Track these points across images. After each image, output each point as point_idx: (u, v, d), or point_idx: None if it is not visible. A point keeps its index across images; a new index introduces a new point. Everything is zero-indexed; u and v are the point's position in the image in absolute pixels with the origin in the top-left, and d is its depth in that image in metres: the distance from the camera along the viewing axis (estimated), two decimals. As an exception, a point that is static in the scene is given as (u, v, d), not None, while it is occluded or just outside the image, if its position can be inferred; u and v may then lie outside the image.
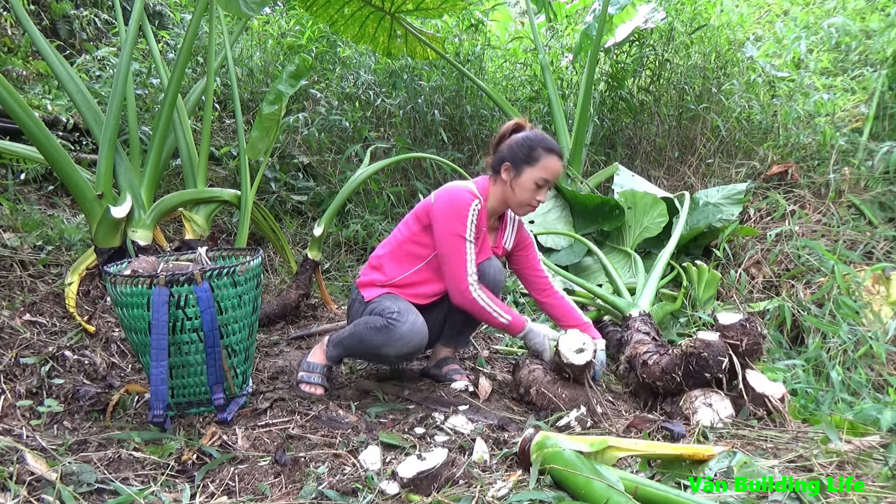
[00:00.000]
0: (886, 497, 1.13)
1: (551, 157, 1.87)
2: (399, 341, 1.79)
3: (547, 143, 1.89)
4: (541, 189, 1.89)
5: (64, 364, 1.93)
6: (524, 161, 1.87)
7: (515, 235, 2.09)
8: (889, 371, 2.01)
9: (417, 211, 1.94)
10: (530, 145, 1.88)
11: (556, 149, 1.90)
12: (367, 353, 1.91)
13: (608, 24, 4.04)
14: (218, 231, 3.61)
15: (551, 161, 1.87)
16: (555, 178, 1.90)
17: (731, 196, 3.23)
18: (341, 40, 4.32)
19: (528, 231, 2.12)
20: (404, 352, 1.82)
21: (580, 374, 1.79)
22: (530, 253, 2.10)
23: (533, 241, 2.13)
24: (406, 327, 1.79)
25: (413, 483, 1.28)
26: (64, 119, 3.48)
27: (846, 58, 3.84)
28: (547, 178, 1.87)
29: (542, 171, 1.86)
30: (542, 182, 1.87)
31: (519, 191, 1.89)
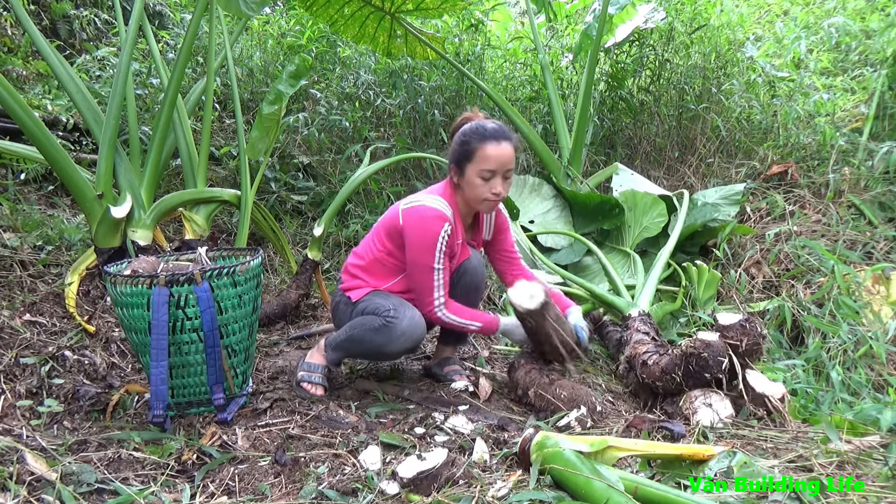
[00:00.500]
0: (886, 497, 1.13)
1: (487, 144, 1.76)
2: (401, 338, 1.79)
3: (481, 131, 1.79)
4: (489, 181, 1.79)
5: (64, 364, 1.93)
6: (463, 158, 1.81)
7: (494, 224, 2.05)
8: (889, 371, 2.01)
9: (388, 228, 1.89)
10: (464, 140, 1.81)
11: (493, 134, 1.78)
12: (369, 353, 1.92)
13: (608, 24, 4.04)
14: (218, 231, 3.61)
15: (488, 148, 1.76)
16: (499, 164, 1.77)
17: (728, 196, 3.23)
18: (341, 40, 4.31)
19: (504, 214, 2.07)
20: (406, 347, 1.82)
21: (542, 320, 1.75)
22: (506, 236, 2.07)
23: (509, 223, 2.08)
24: (405, 323, 1.79)
25: (413, 483, 1.28)
26: (64, 119, 3.48)
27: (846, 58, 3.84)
28: (489, 167, 1.77)
29: (481, 162, 1.77)
30: (486, 174, 1.77)
31: (469, 189, 1.82)
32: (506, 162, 1.79)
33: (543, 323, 1.78)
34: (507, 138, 1.80)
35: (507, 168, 1.80)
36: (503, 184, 1.81)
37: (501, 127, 1.82)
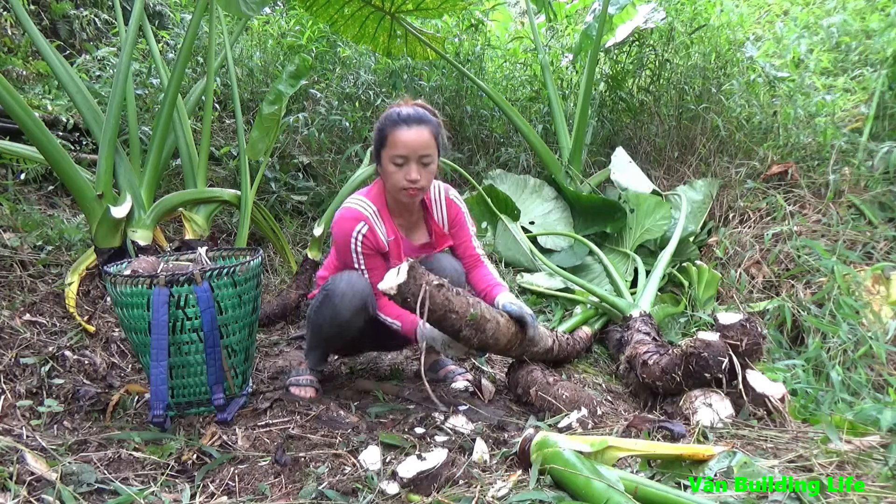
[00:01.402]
0: (886, 497, 1.13)
1: (398, 129, 1.71)
2: (343, 299, 1.73)
3: (393, 116, 1.74)
4: (402, 167, 1.72)
5: (64, 364, 1.93)
6: (378, 146, 1.77)
7: (447, 214, 1.93)
8: (889, 371, 2.01)
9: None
10: (378, 128, 1.77)
11: (405, 118, 1.72)
12: (331, 335, 1.85)
13: (608, 24, 4.04)
14: (218, 231, 3.61)
15: (398, 133, 1.70)
16: (410, 149, 1.70)
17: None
18: (341, 40, 4.31)
19: (460, 208, 1.95)
20: (356, 305, 1.74)
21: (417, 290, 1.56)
22: (461, 231, 1.95)
23: (464, 217, 1.96)
24: (342, 284, 1.75)
25: (413, 483, 1.28)
26: (64, 119, 3.48)
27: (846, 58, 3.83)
28: (400, 153, 1.70)
29: (392, 147, 1.72)
30: (399, 160, 1.71)
31: (387, 178, 1.78)
32: (418, 147, 1.71)
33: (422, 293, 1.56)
34: (422, 122, 1.73)
35: (420, 154, 1.72)
36: (420, 170, 1.73)
37: (417, 111, 1.75)
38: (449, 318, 1.63)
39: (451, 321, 1.64)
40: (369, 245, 1.80)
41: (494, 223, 3.39)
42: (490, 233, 3.37)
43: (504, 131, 4.46)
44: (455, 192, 1.98)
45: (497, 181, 3.70)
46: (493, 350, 1.86)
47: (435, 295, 1.58)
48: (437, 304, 1.59)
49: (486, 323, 1.70)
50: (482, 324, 1.69)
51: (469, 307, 1.65)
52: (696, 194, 3.50)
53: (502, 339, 1.77)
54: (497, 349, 1.84)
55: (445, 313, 1.62)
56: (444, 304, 1.60)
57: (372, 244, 1.80)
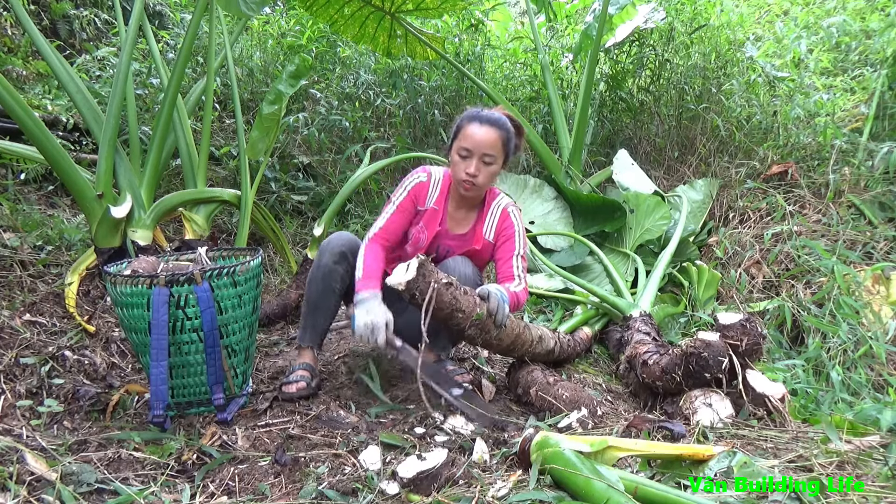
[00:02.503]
0: (886, 497, 1.13)
1: (471, 124, 1.83)
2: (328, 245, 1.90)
3: (473, 113, 1.86)
4: (466, 160, 1.83)
5: (64, 364, 1.93)
6: (453, 138, 1.89)
7: (497, 226, 1.98)
8: (889, 371, 2.01)
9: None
10: (457, 122, 1.89)
11: (481, 117, 1.83)
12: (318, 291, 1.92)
13: (608, 24, 4.04)
14: (218, 231, 3.61)
15: (470, 127, 1.82)
16: (475, 144, 1.80)
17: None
18: (341, 40, 4.32)
19: (514, 224, 1.97)
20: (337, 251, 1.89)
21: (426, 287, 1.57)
22: (507, 245, 1.97)
23: (514, 236, 1.96)
24: (332, 236, 1.94)
25: (413, 483, 1.28)
26: (64, 119, 3.48)
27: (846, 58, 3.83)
28: (467, 146, 1.81)
29: (462, 139, 1.83)
30: (463, 152, 1.82)
31: (452, 167, 1.89)
32: (484, 144, 1.80)
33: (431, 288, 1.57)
34: (496, 125, 1.83)
35: (484, 151, 1.81)
36: (480, 167, 1.82)
37: (496, 115, 1.85)
38: (455, 317, 1.65)
39: (458, 320, 1.66)
40: (417, 191, 1.93)
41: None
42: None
43: (504, 131, 4.45)
44: (516, 209, 2.02)
45: (497, 181, 3.70)
46: (495, 350, 1.86)
47: (443, 293, 1.60)
48: (445, 302, 1.61)
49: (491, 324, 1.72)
50: (487, 324, 1.71)
51: (475, 307, 1.67)
52: (697, 194, 3.51)
53: (506, 339, 1.80)
54: (500, 350, 1.86)
55: (452, 312, 1.63)
56: (451, 302, 1.62)
57: (417, 193, 1.93)
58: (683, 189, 3.52)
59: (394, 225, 1.91)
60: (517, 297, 1.85)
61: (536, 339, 1.92)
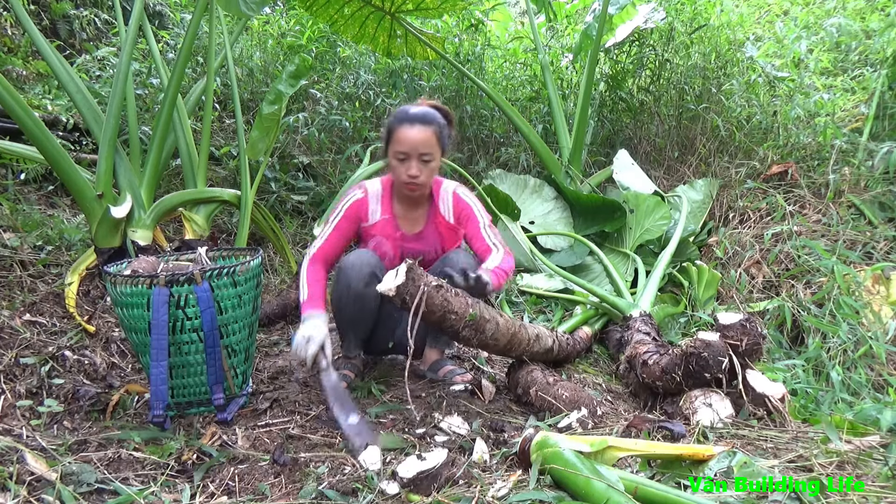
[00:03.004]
0: (886, 497, 1.13)
1: (401, 127, 1.81)
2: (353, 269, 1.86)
3: (400, 115, 1.83)
4: (404, 162, 1.82)
5: (64, 364, 1.93)
6: (386, 142, 1.88)
7: (453, 209, 1.98)
8: (889, 371, 2.01)
9: None
10: (388, 124, 1.87)
11: (410, 117, 1.81)
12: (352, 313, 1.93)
13: (608, 24, 4.04)
14: (218, 231, 3.61)
15: (402, 131, 1.80)
16: (411, 146, 1.79)
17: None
18: (341, 40, 4.31)
19: (468, 203, 1.99)
20: (366, 273, 1.85)
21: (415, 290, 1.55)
22: (470, 223, 1.98)
23: (475, 214, 1.98)
24: (351, 257, 1.89)
25: (413, 483, 1.28)
26: (64, 119, 3.48)
27: (846, 58, 3.83)
28: (402, 149, 1.80)
29: (396, 143, 1.82)
30: (400, 156, 1.82)
31: (392, 172, 1.89)
32: (419, 144, 1.80)
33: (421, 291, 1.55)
34: (426, 122, 1.82)
35: (421, 151, 1.81)
36: (421, 167, 1.83)
37: (424, 111, 1.84)
38: (448, 319, 1.63)
39: (451, 322, 1.64)
40: (354, 210, 1.95)
41: (494, 223, 3.39)
42: (490, 233, 3.37)
43: (504, 131, 4.46)
44: (465, 189, 2.04)
45: (497, 181, 3.71)
46: (492, 350, 1.85)
47: (433, 296, 1.58)
48: (436, 304, 1.59)
49: (486, 323, 1.70)
50: (481, 324, 1.69)
51: (468, 308, 1.65)
52: (697, 194, 3.51)
53: (502, 339, 1.78)
54: (497, 350, 1.84)
55: (444, 314, 1.62)
56: (442, 304, 1.60)
57: (357, 211, 1.95)
58: (683, 189, 3.52)
59: (333, 244, 1.94)
60: (501, 270, 1.82)
61: (533, 337, 1.91)
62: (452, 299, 1.62)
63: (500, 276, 1.81)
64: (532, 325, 1.97)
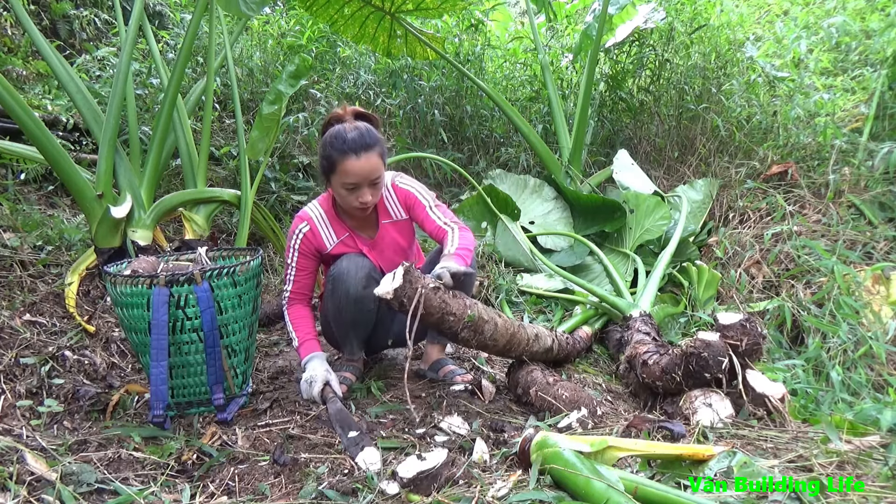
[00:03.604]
0: (886, 497, 1.13)
1: (347, 159, 1.73)
2: (349, 274, 1.84)
3: (339, 144, 1.74)
4: (353, 191, 1.78)
5: (64, 364, 1.93)
6: (327, 170, 1.80)
7: (399, 202, 1.97)
8: (889, 371, 2.01)
9: None
10: (325, 154, 1.78)
11: (353, 146, 1.72)
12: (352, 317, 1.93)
13: (608, 24, 4.04)
14: (218, 231, 3.61)
15: (348, 164, 1.73)
16: (361, 177, 1.75)
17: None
18: (341, 40, 4.32)
19: (409, 190, 1.96)
20: (362, 277, 1.84)
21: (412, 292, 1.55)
22: (416, 208, 1.95)
23: (419, 199, 1.95)
24: (345, 262, 1.87)
25: (413, 483, 1.28)
26: (64, 119, 3.48)
27: (846, 58, 3.83)
28: (352, 181, 1.75)
29: (342, 175, 1.76)
30: (349, 186, 1.77)
31: (339, 198, 1.85)
32: (368, 174, 1.76)
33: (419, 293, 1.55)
34: (368, 148, 1.75)
35: (370, 179, 1.78)
36: (371, 191, 1.81)
37: (362, 135, 1.76)
38: (447, 321, 1.63)
39: (449, 324, 1.64)
40: (308, 244, 1.92)
41: (494, 223, 3.39)
42: (490, 232, 3.37)
43: (504, 131, 4.46)
44: (402, 177, 2.00)
45: (497, 181, 3.71)
46: (492, 351, 1.85)
47: (431, 298, 1.58)
48: (434, 307, 1.59)
49: (484, 325, 1.70)
50: (480, 325, 1.69)
51: (466, 309, 1.65)
52: (696, 194, 3.51)
53: (501, 339, 1.78)
54: (496, 350, 1.83)
55: (443, 316, 1.62)
56: (440, 306, 1.60)
57: (311, 244, 1.92)
58: (683, 189, 3.52)
59: (302, 283, 1.95)
60: (463, 248, 1.80)
61: (532, 337, 1.91)
62: (450, 301, 1.62)
63: (467, 255, 1.79)
64: (531, 325, 1.97)
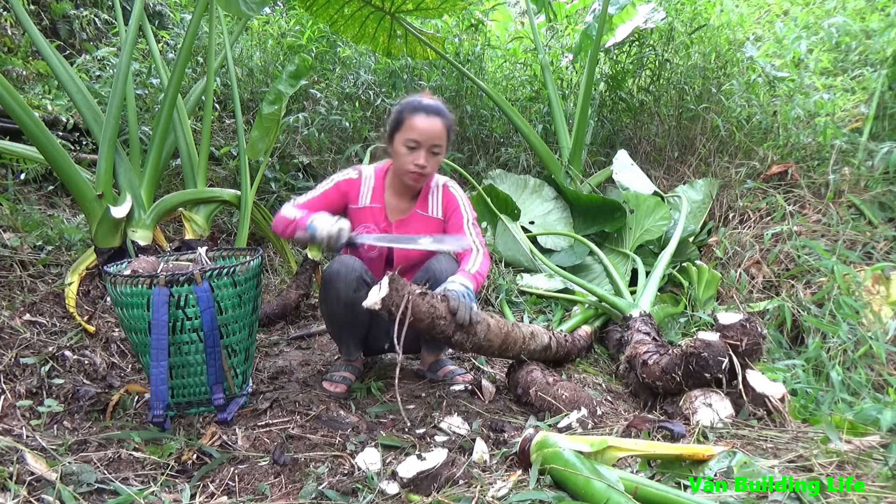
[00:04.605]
0: (886, 497, 1.13)
1: (416, 115, 1.81)
2: (338, 276, 1.84)
3: (412, 104, 1.85)
4: (414, 151, 1.82)
5: (64, 364, 1.93)
6: (393, 129, 1.87)
7: (442, 203, 2.00)
8: (889, 371, 2.01)
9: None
10: (397, 111, 1.88)
11: (425, 107, 1.82)
12: (345, 319, 1.92)
13: (608, 24, 4.04)
14: (218, 231, 3.61)
15: (416, 119, 1.81)
16: (425, 136, 1.80)
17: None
18: (341, 40, 4.32)
19: (457, 197, 2.00)
20: (353, 279, 1.83)
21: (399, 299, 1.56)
22: (454, 216, 1.98)
23: (461, 209, 1.99)
24: (335, 265, 1.86)
25: (413, 483, 1.28)
26: (64, 119, 3.48)
27: (846, 58, 3.83)
28: (414, 137, 1.80)
29: (407, 131, 1.82)
30: (411, 143, 1.82)
31: (396, 159, 1.89)
32: (432, 136, 1.82)
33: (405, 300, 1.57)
34: (439, 114, 1.84)
35: (433, 143, 1.83)
36: (428, 158, 1.84)
37: (438, 104, 1.87)
38: (437, 325, 1.63)
39: (440, 328, 1.64)
40: (344, 186, 1.96)
41: (494, 223, 3.39)
42: (490, 233, 3.38)
43: (504, 131, 4.46)
44: (455, 184, 2.05)
45: (497, 181, 3.71)
46: (488, 353, 1.85)
47: (419, 303, 1.59)
48: (423, 311, 1.60)
49: (476, 325, 1.70)
50: (472, 326, 1.69)
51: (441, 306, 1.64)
52: (696, 194, 3.51)
53: (496, 339, 1.78)
54: (492, 351, 1.83)
55: (433, 320, 1.62)
56: (429, 311, 1.61)
57: (346, 189, 1.96)
58: (683, 189, 3.52)
59: (315, 205, 1.91)
60: (480, 275, 1.82)
61: (528, 335, 1.91)
62: (439, 305, 1.63)
63: (479, 280, 1.82)
64: (526, 324, 1.97)
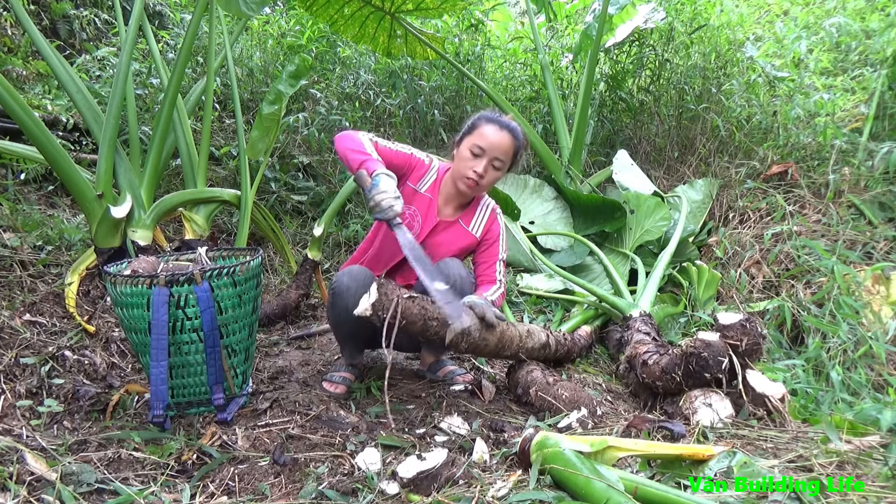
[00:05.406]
0: (886, 497, 1.13)
1: (489, 125, 1.85)
2: (348, 292, 1.83)
3: (490, 115, 1.89)
4: (477, 158, 1.84)
5: (64, 364, 1.93)
6: (465, 133, 1.91)
7: (485, 225, 2.00)
8: (889, 371, 2.01)
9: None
10: (474, 117, 1.92)
11: (498, 120, 1.87)
12: (351, 330, 1.93)
13: (608, 24, 4.04)
14: (218, 231, 3.61)
15: (488, 128, 1.84)
16: (490, 145, 1.83)
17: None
18: (341, 40, 4.32)
19: (500, 227, 2.02)
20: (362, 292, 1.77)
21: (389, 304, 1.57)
22: (491, 249, 2.00)
23: (499, 241, 2.01)
24: (346, 279, 1.86)
25: (413, 483, 1.28)
26: (64, 119, 3.48)
27: (846, 58, 3.83)
28: (481, 144, 1.83)
29: (476, 137, 1.85)
30: (476, 150, 1.84)
31: (458, 162, 1.90)
32: (498, 148, 1.84)
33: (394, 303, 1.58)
34: (512, 132, 1.86)
35: (497, 155, 1.85)
36: (488, 168, 1.85)
37: (514, 125, 1.88)
38: (430, 327, 1.64)
39: (434, 329, 1.64)
40: (414, 161, 1.95)
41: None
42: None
43: (504, 131, 4.45)
44: (502, 213, 2.08)
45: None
46: (484, 353, 1.85)
47: (410, 306, 1.60)
48: (415, 314, 1.61)
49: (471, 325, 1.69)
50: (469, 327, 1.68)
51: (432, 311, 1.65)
52: (696, 194, 3.51)
53: (491, 338, 1.77)
54: (489, 351, 1.82)
55: (425, 322, 1.63)
56: (421, 313, 1.62)
57: (414, 163, 1.95)
58: (683, 189, 3.52)
59: (386, 156, 1.86)
60: (497, 307, 1.86)
61: (525, 333, 1.91)
62: (429, 307, 1.64)
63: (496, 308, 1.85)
64: (522, 324, 1.97)
